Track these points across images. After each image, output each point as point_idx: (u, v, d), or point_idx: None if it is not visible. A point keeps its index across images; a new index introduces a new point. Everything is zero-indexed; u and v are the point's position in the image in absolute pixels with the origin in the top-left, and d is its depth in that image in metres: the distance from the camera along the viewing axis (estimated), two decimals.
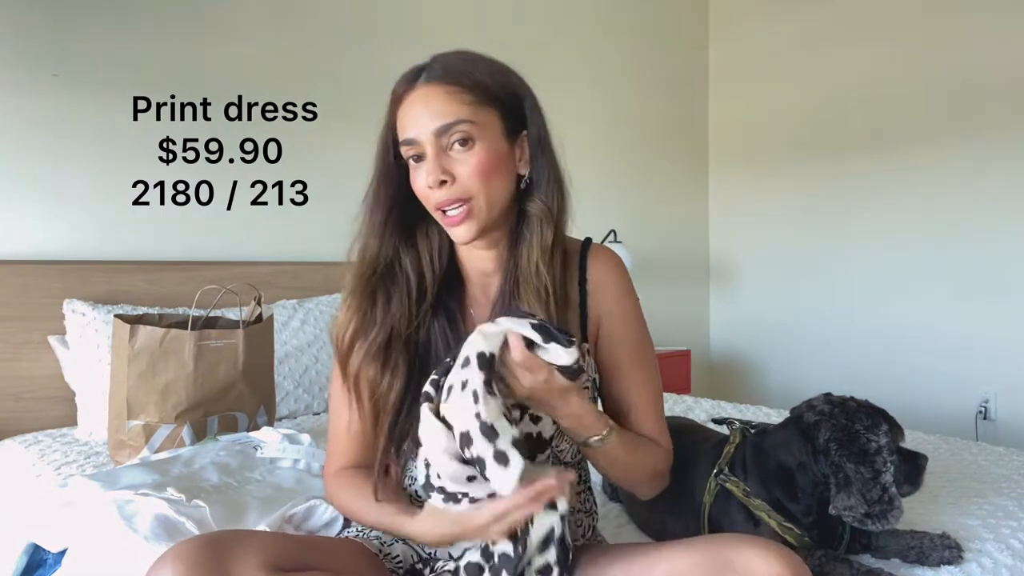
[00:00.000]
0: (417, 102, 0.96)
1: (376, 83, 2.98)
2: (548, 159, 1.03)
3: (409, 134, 0.96)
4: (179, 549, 0.81)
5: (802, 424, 1.16)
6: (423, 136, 0.95)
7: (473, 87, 0.97)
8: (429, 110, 0.95)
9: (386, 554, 1.02)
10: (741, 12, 3.93)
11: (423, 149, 0.96)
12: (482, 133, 0.96)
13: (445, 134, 0.95)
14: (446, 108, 0.95)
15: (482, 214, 0.98)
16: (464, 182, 0.96)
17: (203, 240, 2.55)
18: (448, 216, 0.97)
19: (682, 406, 2.40)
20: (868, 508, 1.06)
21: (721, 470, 1.20)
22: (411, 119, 0.97)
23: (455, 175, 0.96)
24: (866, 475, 1.08)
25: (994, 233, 3.04)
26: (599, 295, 1.09)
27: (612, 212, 3.49)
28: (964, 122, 3.11)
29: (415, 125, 0.96)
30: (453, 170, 0.96)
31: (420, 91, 0.97)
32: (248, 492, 1.32)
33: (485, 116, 0.97)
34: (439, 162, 0.95)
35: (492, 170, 0.97)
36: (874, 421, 1.12)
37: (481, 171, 0.96)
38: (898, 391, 3.25)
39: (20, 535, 1.35)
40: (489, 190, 0.97)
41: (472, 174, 0.95)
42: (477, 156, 0.95)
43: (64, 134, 2.32)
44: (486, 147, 0.96)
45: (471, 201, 0.96)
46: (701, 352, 3.97)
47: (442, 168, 0.95)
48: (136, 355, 1.68)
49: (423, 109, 0.95)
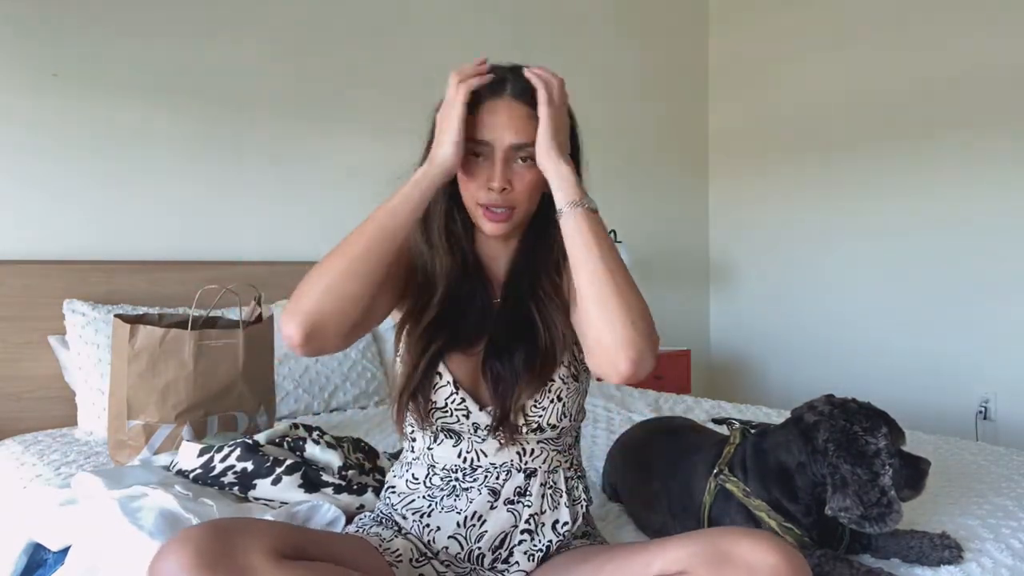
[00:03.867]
0: (502, 112, 1.06)
1: (377, 83, 3.01)
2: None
3: (485, 137, 1.05)
4: (187, 534, 0.82)
5: (802, 425, 1.16)
6: (498, 143, 1.05)
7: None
8: (512, 125, 1.05)
9: (386, 548, 1.04)
10: (741, 12, 3.93)
11: (493, 153, 1.06)
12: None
13: (518, 150, 1.06)
14: (526, 128, 1.05)
15: (517, 221, 1.09)
16: (517, 193, 1.07)
17: (203, 240, 2.55)
18: (492, 213, 1.07)
19: (682, 406, 2.40)
20: (865, 510, 1.06)
21: (721, 470, 1.21)
22: (491, 125, 1.05)
23: (512, 185, 1.06)
24: (864, 477, 1.08)
25: (994, 233, 3.04)
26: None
27: (612, 212, 3.47)
28: (964, 122, 3.11)
29: (493, 132, 1.05)
30: (512, 180, 1.06)
31: (505, 103, 1.06)
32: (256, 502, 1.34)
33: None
34: (506, 170, 1.05)
35: (538, 189, 1.08)
36: (874, 423, 1.13)
37: (532, 188, 1.07)
38: (898, 391, 3.25)
39: (20, 535, 1.36)
40: (530, 204, 1.09)
41: (525, 188, 1.07)
42: (533, 174, 1.06)
43: (64, 134, 2.32)
44: (539, 169, 1.06)
45: (515, 209, 1.07)
46: (701, 352, 3.97)
47: (507, 177, 1.06)
48: (136, 355, 1.68)
49: (507, 121, 1.05)
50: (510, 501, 1.08)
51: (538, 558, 1.06)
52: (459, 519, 1.07)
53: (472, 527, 1.07)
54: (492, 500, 1.08)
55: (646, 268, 3.56)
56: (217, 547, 0.80)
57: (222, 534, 0.82)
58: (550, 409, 1.08)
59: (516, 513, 1.08)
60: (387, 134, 2.69)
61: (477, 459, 1.10)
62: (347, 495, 1.36)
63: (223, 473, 1.39)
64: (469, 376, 1.10)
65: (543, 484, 1.09)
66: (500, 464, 1.09)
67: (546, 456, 1.10)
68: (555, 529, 1.08)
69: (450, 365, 1.10)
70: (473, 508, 1.07)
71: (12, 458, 1.87)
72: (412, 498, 1.12)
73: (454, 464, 1.10)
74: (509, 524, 1.07)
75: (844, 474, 1.09)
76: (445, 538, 1.07)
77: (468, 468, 1.10)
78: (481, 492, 1.08)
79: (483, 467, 1.09)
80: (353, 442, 1.57)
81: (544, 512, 1.08)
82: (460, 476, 1.10)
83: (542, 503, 1.08)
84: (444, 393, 1.09)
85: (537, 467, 1.10)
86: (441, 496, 1.10)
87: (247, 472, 1.38)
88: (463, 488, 1.09)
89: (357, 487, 1.38)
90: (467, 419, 1.09)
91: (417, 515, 1.10)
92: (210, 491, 1.34)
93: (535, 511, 1.07)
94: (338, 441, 1.53)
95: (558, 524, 1.08)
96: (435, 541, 1.07)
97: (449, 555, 1.06)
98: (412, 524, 1.10)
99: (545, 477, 1.10)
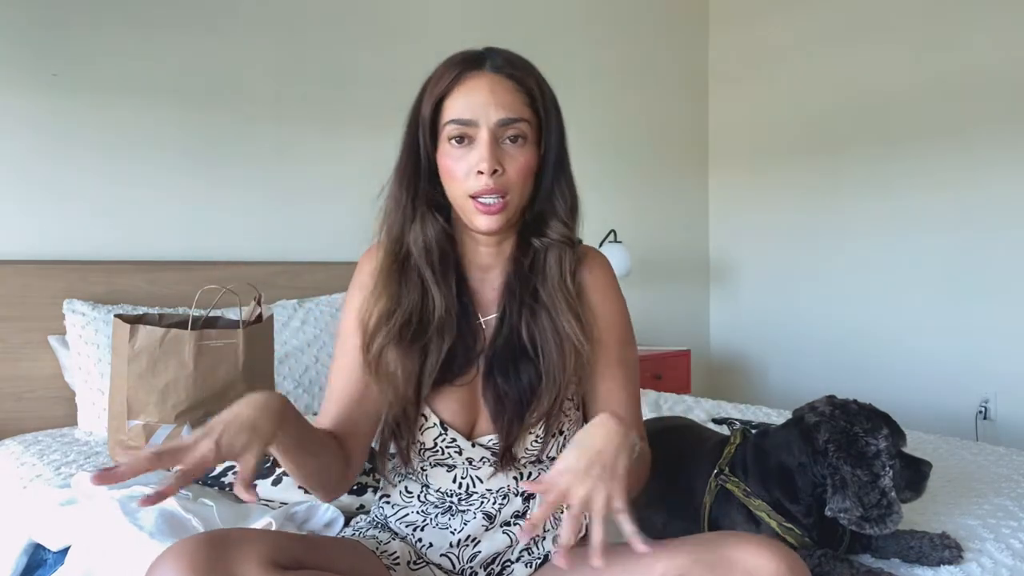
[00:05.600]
0: (483, 88, 0.97)
1: (376, 83, 3.01)
2: (567, 179, 1.06)
3: (467, 115, 0.96)
4: (180, 547, 0.80)
5: (803, 425, 1.16)
6: (485, 122, 0.96)
7: (532, 90, 1.00)
8: (496, 99, 0.96)
9: (383, 552, 1.02)
10: (741, 12, 3.93)
11: (476, 133, 0.97)
12: (533, 136, 1.00)
13: (506, 127, 0.96)
14: (513, 102, 0.97)
15: (512, 210, 1.00)
16: (510, 176, 0.98)
17: (203, 240, 2.55)
18: (484, 204, 0.98)
19: (682, 406, 2.40)
20: (865, 511, 1.06)
21: (721, 470, 1.21)
22: (474, 102, 0.96)
23: (504, 167, 0.97)
24: (864, 478, 1.08)
25: (995, 233, 3.04)
26: (587, 296, 1.09)
27: (612, 212, 3.49)
28: (964, 122, 3.11)
29: (476, 109, 0.96)
30: (503, 161, 0.97)
31: (487, 78, 0.97)
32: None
33: (535, 121, 1.00)
34: (495, 151, 0.96)
35: (531, 172, 1.00)
36: (874, 424, 1.12)
37: (525, 170, 0.99)
38: (898, 391, 3.25)
39: (20, 535, 1.35)
40: (523, 190, 1.00)
41: (518, 171, 0.98)
42: (525, 155, 0.98)
43: (64, 134, 2.32)
44: (531, 150, 0.99)
45: (508, 196, 0.98)
46: (701, 352, 3.96)
47: (496, 157, 0.96)
48: (136, 355, 1.68)
49: (490, 96, 0.96)
50: (506, 523, 1.05)
51: (536, 565, 1.04)
52: (452, 539, 1.04)
53: (465, 547, 1.04)
54: (487, 524, 1.04)
55: (646, 268, 3.56)
56: (212, 558, 0.78)
57: (217, 545, 0.80)
58: (551, 444, 1.04)
59: (512, 536, 1.04)
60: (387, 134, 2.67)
61: (472, 485, 1.06)
62: (346, 495, 1.36)
63: (223, 473, 1.39)
64: (458, 413, 1.04)
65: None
66: (497, 489, 1.05)
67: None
68: (555, 542, 1.04)
69: (436, 406, 1.03)
70: (468, 531, 1.04)
71: (12, 458, 1.87)
72: (406, 512, 1.09)
73: (448, 488, 1.06)
74: (504, 546, 1.04)
75: (844, 475, 1.08)
76: (437, 555, 1.04)
77: (464, 493, 1.06)
78: (476, 516, 1.04)
79: (479, 492, 1.06)
80: None
81: (547, 531, 1.06)
82: (456, 500, 1.06)
83: (543, 525, 1.03)
84: (432, 435, 1.04)
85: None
86: (436, 513, 1.06)
87: None
88: (459, 510, 1.06)
89: (356, 487, 1.38)
90: (460, 455, 1.05)
91: (411, 528, 1.07)
92: (210, 491, 1.34)
93: (536, 534, 1.04)
94: None
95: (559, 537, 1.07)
96: (427, 555, 1.05)
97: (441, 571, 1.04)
98: (406, 535, 1.07)
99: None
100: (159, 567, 0.79)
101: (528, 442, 1.03)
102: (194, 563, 0.78)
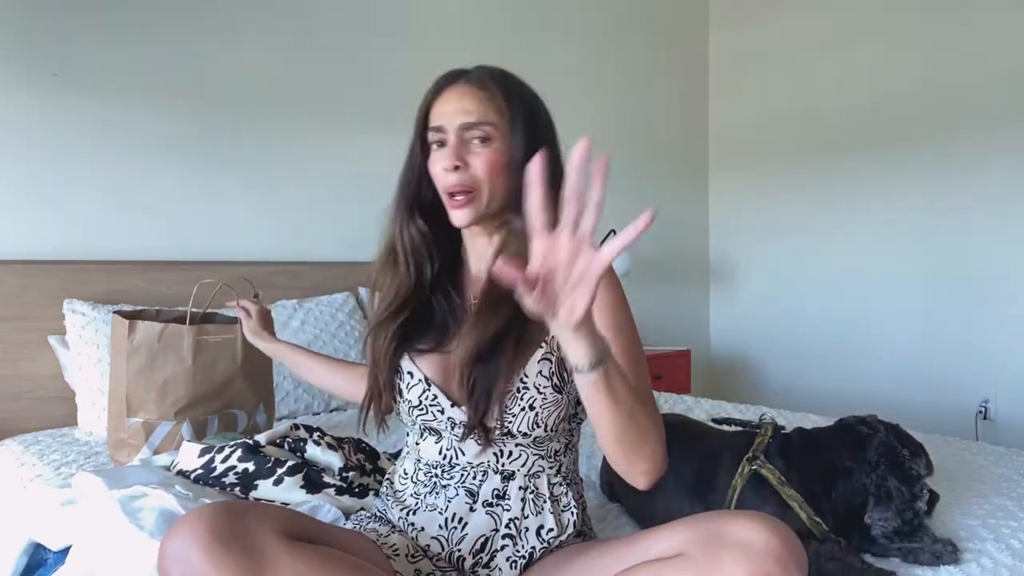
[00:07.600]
0: (452, 98, 1.08)
1: (376, 84, 3.00)
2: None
3: (438, 122, 1.09)
4: (199, 513, 0.83)
5: (854, 433, 1.24)
6: (450, 126, 1.07)
7: (506, 96, 1.09)
8: (461, 106, 1.07)
9: (383, 543, 1.05)
10: (741, 12, 3.93)
11: (447, 137, 1.08)
12: (502, 136, 1.08)
13: (469, 130, 1.07)
14: (477, 108, 1.07)
15: (482, 205, 1.08)
16: (475, 172, 1.07)
17: (203, 240, 2.55)
18: (453, 199, 1.08)
19: (682, 406, 2.40)
20: (900, 525, 1.14)
21: (756, 456, 1.26)
22: (444, 111, 1.09)
23: (468, 164, 1.07)
24: (905, 495, 1.16)
25: (995, 233, 3.04)
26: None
27: (612, 212, 3.48)
28: (964, 122, 3.11)
29: (445, 116, 1.08)
30: (468, 160, 1.07)
31: (458, 89, 1.09)
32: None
33: (508, 125, 1.08)
34: (457, 150, 1.07)
35: (501, 169, 1.07)
36: (916, 451, 1.23)
37: (491, 167, 1.07)
38: (898, 391, 3.25)
39: (20, 535, 1.35)
40: (493, 186, 1.08)
41: (484, 167, 1.07)
42: (492, 154, 1.07)
43: (64, 134, 2.32)
44: (501, 149, 1.07)
45: (475, 192, 1.07)
46: (701, 352, 3.97)
47: (458, 155, 1.07)
48: (135, 351, 1.68)
49: (457, 104, 1.08)
50: (488, 504, 1.08)
51: (521, 565, 1.05)
52: (440, 521, 1.08)
53: (454, 529, 1.07)
54: (471, 502, 1.08)
55: (646, 268, 3.56)
56: (230, 525, 0.82)
57: (235, 513, 0.84)
58: (520, 417, 1.06)
59: (496, 516, 1.07)
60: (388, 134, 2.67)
61: (455, 456, 1.10)
62: (349, 497, 1.36)
63: (224, 474, 1.39)
64: (441, 373, 1.11)
65: (523, 488, 1.08)
66: (477, 464, 1.09)
67: (526, 460, 1.09)
68: (539, 535, 1.06)
69: (420, 363, 1.12)
70: (453, 510, 1.07)
71: (12, 458, 1.87)
72: (403, 495, 1.14)
73: (435, 460, 1.12)
74: (489, 528, 1.07)
75: (891, 488, 1.16)
76: (428, 538, 1.07)
77: (447, 465, 1.11)
78: (458, 492, 1.08)
79: (460, 465, 1.10)
80: (354, 443, 1.56)
81: (526, 517, 1.07)
82: (439, 472, 1.11)
83: (523, 508, 1.07)
84: (417, 391, 1.11)
85: (515, 470, 1.09)
86: (425, 494, 1.11)
87: (248, 473, 1.38)
88: (442, 485, 1.10)
89: (359, 489, 1.39)
90: (442, 415, 1.09)
91: (404, 512, 1.11)
92: (211, 491, 1.34)
93: (515, 515, 1.06)
94: (339, 442, 1.53)
95: (543, 530, 1.07)
96: (419, 540, 1.08)
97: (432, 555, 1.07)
98: (399, 521, 1.11)
99: (525, 481, 1.08)
100: (177, 532, 0.82)
101: (497, 414, 1.07)
102: (212, 529, 0.81)
